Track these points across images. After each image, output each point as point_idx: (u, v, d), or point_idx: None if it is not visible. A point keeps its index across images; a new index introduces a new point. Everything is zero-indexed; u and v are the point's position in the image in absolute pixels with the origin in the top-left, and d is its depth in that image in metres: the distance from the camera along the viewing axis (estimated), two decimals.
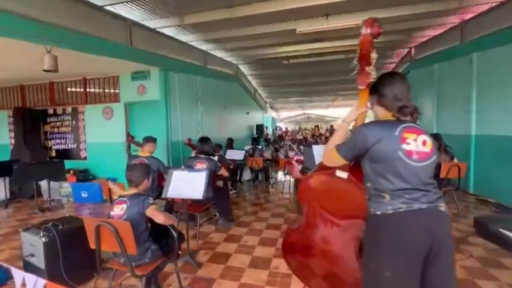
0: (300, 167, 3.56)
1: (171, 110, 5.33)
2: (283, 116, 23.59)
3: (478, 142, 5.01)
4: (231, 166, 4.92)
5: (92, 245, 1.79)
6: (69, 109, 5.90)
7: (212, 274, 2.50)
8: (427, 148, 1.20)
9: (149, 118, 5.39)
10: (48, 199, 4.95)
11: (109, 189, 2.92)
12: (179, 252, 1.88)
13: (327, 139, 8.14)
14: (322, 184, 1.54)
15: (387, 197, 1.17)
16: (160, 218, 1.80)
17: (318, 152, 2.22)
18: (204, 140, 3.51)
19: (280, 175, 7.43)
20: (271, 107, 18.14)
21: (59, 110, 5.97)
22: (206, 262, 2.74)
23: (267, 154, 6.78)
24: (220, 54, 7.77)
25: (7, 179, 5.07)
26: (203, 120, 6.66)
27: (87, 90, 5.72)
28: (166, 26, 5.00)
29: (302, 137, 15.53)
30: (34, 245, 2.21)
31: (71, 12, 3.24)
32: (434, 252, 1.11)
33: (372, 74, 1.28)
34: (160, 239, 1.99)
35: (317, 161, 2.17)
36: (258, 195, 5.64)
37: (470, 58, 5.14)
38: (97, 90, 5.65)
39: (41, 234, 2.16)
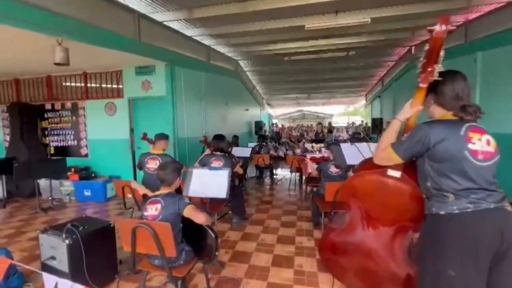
0: (315, 165, 3.55)
1: (177, 107, 5.21)
2: (278, 113, 23.60)
3: None
4: (240, 164, 4.86)
5: (127, 248, 1.71)
6: (68, 105, 5.67)
7: (238, 274, 2.46)
8: (491, 148, 1.19)
9: (154, 115, 5.24)
10: (50, 198, 4.77)
11: (130, 188, 2.83)
12: (217, 254, 1.83)
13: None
14: (370, 183, 1.52)
15: (451, 196, 1.16)
16: (201, 218, 1.74)
17: (347, 149, 2.21)
18: (219, 137, 3.44)
19: (284, 172, 7.43)
20: (268, 104, 18.10)
21: (58, 106, 5.73)
22: (228, 261, 2.71)
23: (280, 152, 6.74)
24: (221, 49, 7.64)
25: (3, 177, 4.84)
26: (207, 116, 6.56)
27: (88, 85, 5.50)
28: (173, 20, 4.85)
29: (298, 133, 15.61)
30: (55, 247, 2.11)
31: (80, 2, 3.07)
32: (501, 252, 1.10)
33: (436, 72, 1.26)
34: (191, 240, 1.93)
35: (347, 159, 2.15)
36: (265, 192, 5.62)
37: (474, 57, 5.24)
38: (98, 85, 5.44)
39: (64, 236, 2.06)
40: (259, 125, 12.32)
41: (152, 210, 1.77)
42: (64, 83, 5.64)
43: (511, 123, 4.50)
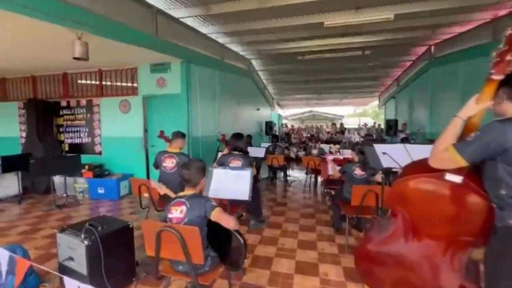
0: (337, 167, 3.38)
1: (191, 105, 5.12)
2: (288, 114, 23.39)
3: None
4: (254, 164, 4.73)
5: (150, 252, 1.60)
6: (83, 102, 5.67)
7: (260, 281, 2.33)
8: None
9: (168, 113, 5.17)
10: (64, 195, 4.76)
11: (146, 187, 2.73)
12: (245, 261, 1.70)
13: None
14: (422, 189, 1.36)
15: None
16: (230, 222, 1.61)
17: (381, 151, 2.04)
18: (237, 136, 3.32)
19: (295, 174, 7.27)
20: (278, 104, 17.92)
21: (73, 103, 5.74)
22: (248, 266, 2.57)
23: (291, 153, 6.60)
24: (235, 48, 7.54)
25: (19, 173, 4.86)
26: (220, 115, 6.46)
27: (103, 82, 5.48)
28: (189, 16, 4.77)
29: (309, 135, 15.38)
30: (73, 248, 2.02)
31: None
32: None
33: None
34: (215, 245, 1.81)
35: (383, 161, 1.99)
36: (279, 193, 5.48)
37: None
38: (113, 83, 5.42)
39: (83, 236, 1.97)
40: (269, 125, 12.15)
41: (177, 212, 1.66)
42: (79, 81, 5.64)
43: None
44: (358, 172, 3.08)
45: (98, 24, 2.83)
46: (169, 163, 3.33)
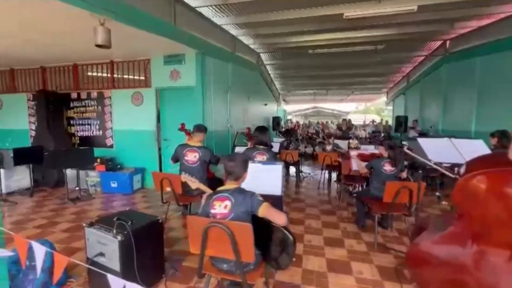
0: (363, 163, 3.28)
1: (206, 98, 5.00)
2: (292, 109, 23.24)
3: None
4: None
5: (194, 249, 1.51)
6: (94, 94, 5.54)
7: (294, 279, 2.25)
8: None
9: (182, 106, 5.06)
10: (76, 189, 4.68)
11: (169, 181, 2.64)
12: (293, 259, 1.61)
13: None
14: (497, 187, 1.25)
15: None
16: (281, 218, 1.52)
17: (428, 145, 1.94)
18: (262, 129, 3.21)
19: (305, 169, 7.18)
20: (283, 100, 17.76)
21: (83, 95, 5.62)
22: None
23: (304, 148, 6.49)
24: (245, 40, 7.38)
25: (30, 166, 4.76)
26: (231, 110, 6.34)
27: (114, 74, 5.35)
28: (205, 6, 4.62)
29: (314, 131, 15.25)
30: (104, 243, 1.93)
31: None
32: None
33: None
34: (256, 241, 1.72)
35: (430, 155, 1.89)
36: (294, 189, 5.39)
37: None
38: (125, 76, 5.29)
39: (115, 231, 1.88)
40: (277, 120, 12.02)
41: (220, 208, 1.56)
42: (89, 73, 5.51)
43: None
44: (387, 168, 2.98)
45: (123, 10, 2.70)
46: (192, 157, 3.23)
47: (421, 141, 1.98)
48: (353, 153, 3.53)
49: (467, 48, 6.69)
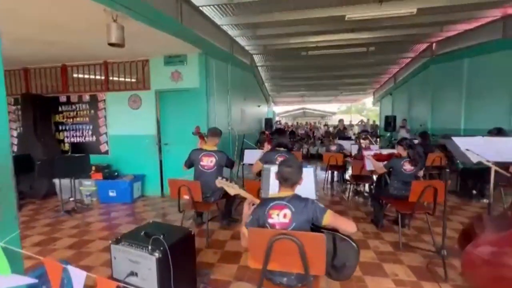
0: (379, 163, 3.29)
1: (210, 100, 4.83)
2: (280, 111, 23.38)
3: None
4: None
5: (256, 264, 1.38)
6: (86, 97, 5.17)
7: (332, 285, 2.18)
8: None
9: (184, 108, 4.85)
10: (71, 199, 4.34)
11: (188, 189, 2.46)
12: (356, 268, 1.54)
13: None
14: None
15: None
16: (351, 226, 1.43)
17: (463, 143, 1.96)
18: (281, 132, 3.13)
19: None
20: (273, 101, 17.81)
21: (74, 98, 5.22)
22: None
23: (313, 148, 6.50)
24: (241, 41, 7.29)
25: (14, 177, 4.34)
26: (231, 111, 6.20)
27: (109, 75, 5.03)
28: (209, 5, 4.47)
29: (303, 131, 15.41)
30: (137, 261, 1.75)
31: None
32: None
33: None
34: None
35: (471, 155, 1.90)
36: None
37: None
38: (121, 78, 4.98)
39: (150, 248, 1.71)
40: (269, 122, 11.98)
41: (279, 217, 1.45)
42: (77, 74, 5.13)
43: None
44: (407, 167, 3.00)
45: (137, 6, 2.50)
46: (208, 162, 3.08)
47: (457, 140, 1.99)
48: (368, 153, 3.54)
49: (454, 50, 7.04)
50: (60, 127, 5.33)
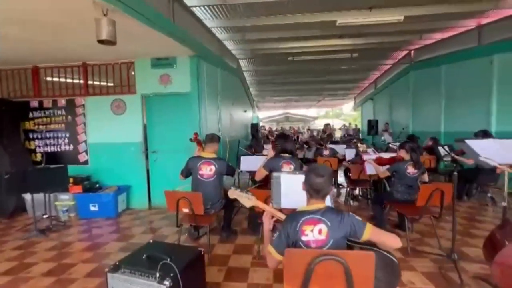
0: (381, 167, 3.26)
1: (202, 105, 4.59)
2: (263, 116, 23.43)
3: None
4: None
5: None
6: (62, 102, 4.69)
7: None
8: None
9: (173, 114, 4.56)
10: (45, 217, 3.86)
11: (188, 201, 2.22)
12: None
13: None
14: None
15: None
16: (396, 241, 1.29)
17: (478, 146, 1.95)
18: (285, 137, 3.00)
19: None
20: (256, 106, 17.77)
21: (48, 103, 4.72)
22: None
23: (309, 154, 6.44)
24: (229, 45, 7.15)
25: None
26: (221, 117, 5.99)
27: (89, 79, 4.62)
28: (201, 5, 4.28)
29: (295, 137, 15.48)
30: None
31: None
32: None
33: None
34: None
35: (486, 157, 1.88)
36: None
37: (490, 59, 5.47)
38: (103, 81, 4.59)
39: (158, 275, 1.45)
40: (255, 127, 11.87)
41: (314, 234, 1.29)
42: (53, 77, 4.67)
43: None
44: (411, 170, 2.99)
45: (130, 0, 2.24)
46: (207, 171, 2.85)
47: (471, 142, 1.98)
48: (369, 157, 3.51)
49: (433, 57, 7.44)
50: (31, 135, 4.78)
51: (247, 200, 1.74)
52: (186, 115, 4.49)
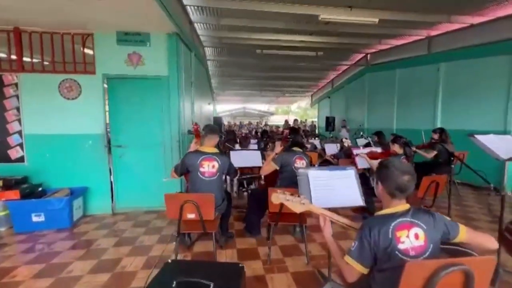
0: (374, 161, 3.36)
1: (181, 93, 4.01)
2: (221, 110, 22.77)
3: None
4: None
5: None
6: None
7: None
8: None
9: (145, 101, 3.86)
10: None
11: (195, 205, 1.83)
12: None
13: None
14: None
15: None
16: (491, 241, 1.18)
17: (489, 141, 2.11)
18: (295, 130, 2.78)
19: None
20: (215, 99, 17.08)
21: None
22: None
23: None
24: (198, 30, 6.52)
25: None
26: (194, 108, 5.42)
27: (24, 50, 3.52)
28: None
29: (247, 131, 15.39)
30: None
31: None
32: None
33: None
34: None
35: (498, 152, 2.04)
36: None
37: (437, 67, 6.32)
38: (47, 55, 3.56)
39: None
40: (218, 121, 11.36)
41: (411, 240, 1.11)
42: None
43: (467, 122, 5.67)
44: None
45: None
46: (209, 168, 2.44)
47: (481, 138, 2.13)
48: (361, 151, 3.58)
49: (386, 62, 8.25)
50: None
51: (299, 204, 1.47)
52: (161, 104, 3.86)
